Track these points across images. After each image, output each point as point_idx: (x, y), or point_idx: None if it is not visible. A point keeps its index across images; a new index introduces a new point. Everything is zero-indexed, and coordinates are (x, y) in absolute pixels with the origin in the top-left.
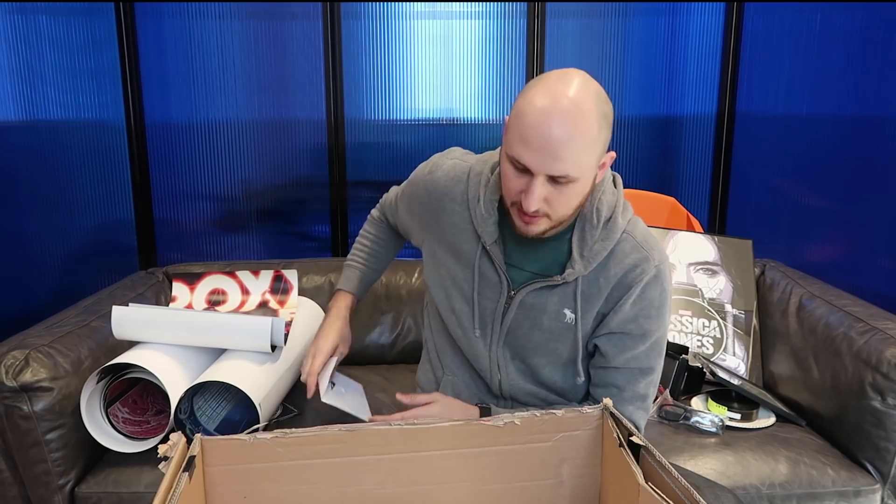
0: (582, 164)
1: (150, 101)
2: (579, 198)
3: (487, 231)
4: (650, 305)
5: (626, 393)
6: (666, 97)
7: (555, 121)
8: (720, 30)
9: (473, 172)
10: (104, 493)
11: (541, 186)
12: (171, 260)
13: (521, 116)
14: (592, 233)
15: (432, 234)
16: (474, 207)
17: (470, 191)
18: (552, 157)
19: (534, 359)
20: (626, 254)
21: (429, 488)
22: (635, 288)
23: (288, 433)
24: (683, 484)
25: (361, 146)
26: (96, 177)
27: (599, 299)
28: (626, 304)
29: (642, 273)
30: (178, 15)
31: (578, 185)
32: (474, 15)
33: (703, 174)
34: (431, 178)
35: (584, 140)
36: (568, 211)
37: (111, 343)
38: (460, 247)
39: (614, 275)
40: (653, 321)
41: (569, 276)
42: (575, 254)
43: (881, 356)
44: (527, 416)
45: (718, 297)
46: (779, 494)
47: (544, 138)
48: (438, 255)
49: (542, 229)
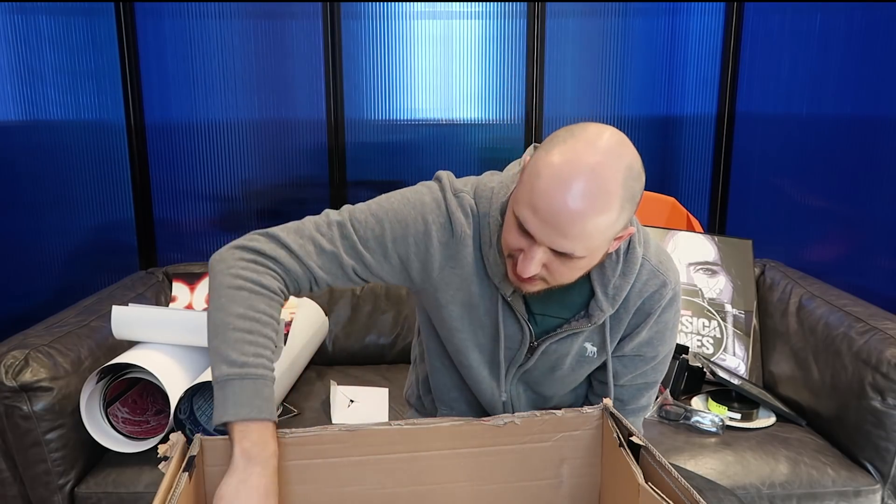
0: (591, 246)
1: (150, 101)
2: (583, 271)
3: (505, 281)
4: (665, 328)
5: (629, 406)
6: (666, 97)
7: (569, 196)
8: (720, 30)
9: (481, 213)
10: (104, 493)
11: (541, 254)
12: (171, 260)
13: (534, 177)
14: (613, 268)
15: (431, 285)
16: (487, 253)
17: (482, 236)
18: (559, 233)
19: (549, 391)
20: (645, 281)
21: (429, 488)
22: (653, 314)
23: (288, 433)
24: (683, 484)
25: (361, 146)
26: (96, 177)
27: (620, 330)
28: (644, 330)
29: (661, 298)
30: (178, 15)
31: (584, 261)
32: (474, 15)
33: (703, 174)
34: (428, 224)
35: (597, 223)
36: (568, 280)
37: (111, 343)
38: (476, 298)
39: (634, 304)
40: (665, 344)
41: (597, 318)
42: (599, 294)
43: (881, 356)
44: (527, 416)
45: (718, 297)
46: (779, 494)
47: (554, 211)
48: (449, 306)
49: (537, 289)
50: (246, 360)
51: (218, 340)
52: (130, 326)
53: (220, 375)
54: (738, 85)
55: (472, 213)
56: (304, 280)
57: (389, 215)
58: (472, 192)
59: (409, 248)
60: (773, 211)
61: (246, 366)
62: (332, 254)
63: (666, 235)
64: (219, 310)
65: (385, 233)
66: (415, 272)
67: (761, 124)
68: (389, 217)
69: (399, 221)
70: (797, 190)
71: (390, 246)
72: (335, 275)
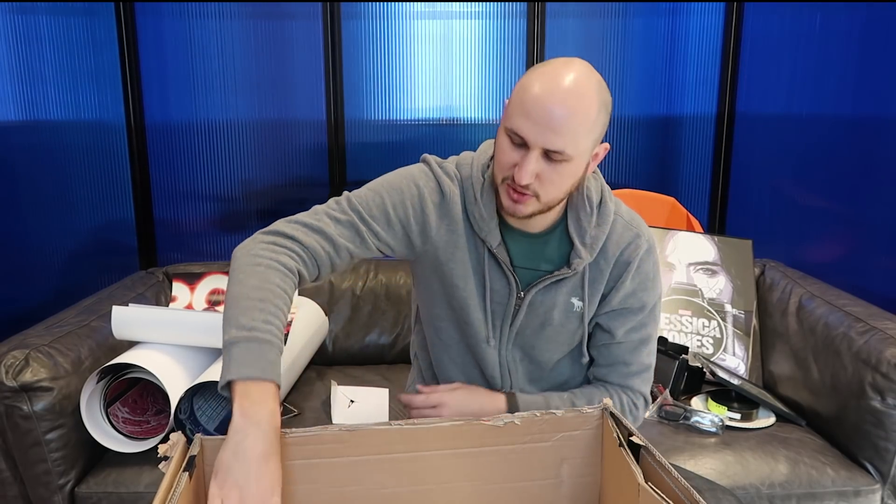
0: (578, 144)
1: (150, 101)
2: (571, 180)
3: (492, 234)
4: (646, 278)
5: (633, 367)
6: (666, 97)
7: (558, 97)
8: (720, 30)
9: (464, 176)
10: (104, 493)
11: (535, 161)
12: (171, 260)
13: (524, 91)
14: (588, 219)
15: (432, 246)
16: (472, 210)
17: (466, 195)
18: (551, 130)
19: (544, 355)
20: (620, 233)
21: (429, 488)
22: (633, 264)
23: (288, 433)
24: (683, 484)
25: (361, 146)
26: (96, 177)
27: (602, 282)
28: (626, 281)
29: (637, 249)
30: (178, 15)
31: (571, 165)
32: (474, 15)
33: (703, 174)
34: (421, 188)
35: (583, 120)
36: (558, 194)
37: (111, 343)
38: (465, 254)
39: (612, 255)
40: (649, 292)
41: (577, 266)
42: (577, 243)
43: (881, 356)
44: (527, 416)
45: (718, 297)
46: (779, 494)
47: (546, 111)
48: (450, 263)
49: (529, 211)
50: (255, 324)
51: (230, 310)
52: (131, 326)
53: (228, 339)
54: (738, 85)
55: (456, 178)
56: (324, 256)
57: (385, 186)
58: (454, 163)
59: (408, 210)
60: (773, 211)
61: (254, 329)
62: (348, 222)
63: (666, 235)
64: (235, 284)
65: (385, 201)
66: (415, 235)
67: (761, 124)
68: (386, 188)
69: (395, 189)
70: (797, 190)
71: (391, 212)
72: (353, 241)
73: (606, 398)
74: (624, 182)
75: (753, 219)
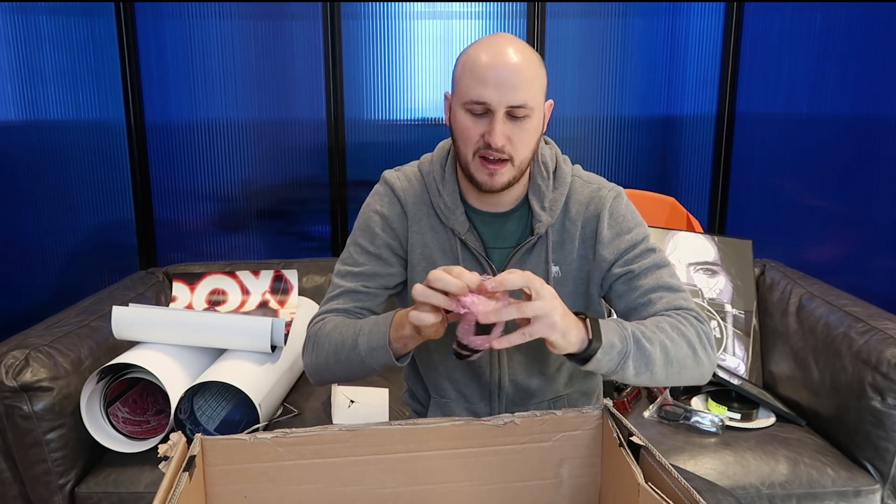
0: (535, 94)
1: (150, 101)
2: (535, 136)
3: (459, 221)
4: (623, 219)
5: (666, 289)
6: (666, 97)
7: (506, 57)
8: (720, 30)
9: (425, 172)
10: (104, 493)
11: (502, 124)
12: (171, 260)
13: (473, 64)
14: (546, 184)
15: (411, 248)
16: (437, 203)
17: (430, 190)
18: (511, 86)
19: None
20: (579, 192)
21: (429, 488)
22: (603, 213)
23: (288, 433)
24: (683, 484)
25: (361, 146)
26: (96, 177)
27: (573, 241)
28: (604, 230)
29: (601, 200)
30: (178, 15)
31: (533, 120)
32: (474, 15)
33: (703, 174)
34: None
35: (533, 69)
36: (527, 152)
37: (111, 343)
38: (437, 249)
39: (577, 213)
40: (635, 229)
41: (539, 229)
42: (536, 209)
43: (881, 356)
44: (527, 416)
45: (718, 297)
46: (779, 494)
47: (501, 71)
48: (419, 267)
49: (506, 179)
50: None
51: (342, 354)
52: (131, 326)
53: (364, 349)
54: (738, 85)
55: (416, 177)
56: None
57: (356, 233)
58: (415, 165)
59: (379, 237)
60: (773, 211)
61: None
62: (348, 291)
63: (666, 235)
64: (322, 351)
65: (361, 245)
66: (400, 250)
67: (761, 124)
68: (357, 234)
69: (363, 228)
70: (797, 190)
71: (371, 249)
72: (364, 301)
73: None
74: (624, 182)
75: (753, 219)
